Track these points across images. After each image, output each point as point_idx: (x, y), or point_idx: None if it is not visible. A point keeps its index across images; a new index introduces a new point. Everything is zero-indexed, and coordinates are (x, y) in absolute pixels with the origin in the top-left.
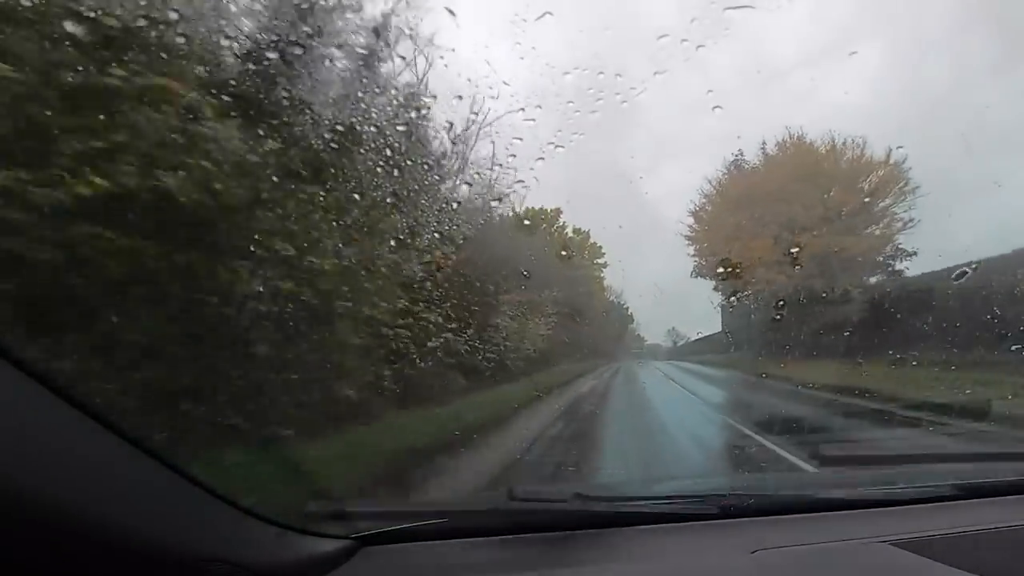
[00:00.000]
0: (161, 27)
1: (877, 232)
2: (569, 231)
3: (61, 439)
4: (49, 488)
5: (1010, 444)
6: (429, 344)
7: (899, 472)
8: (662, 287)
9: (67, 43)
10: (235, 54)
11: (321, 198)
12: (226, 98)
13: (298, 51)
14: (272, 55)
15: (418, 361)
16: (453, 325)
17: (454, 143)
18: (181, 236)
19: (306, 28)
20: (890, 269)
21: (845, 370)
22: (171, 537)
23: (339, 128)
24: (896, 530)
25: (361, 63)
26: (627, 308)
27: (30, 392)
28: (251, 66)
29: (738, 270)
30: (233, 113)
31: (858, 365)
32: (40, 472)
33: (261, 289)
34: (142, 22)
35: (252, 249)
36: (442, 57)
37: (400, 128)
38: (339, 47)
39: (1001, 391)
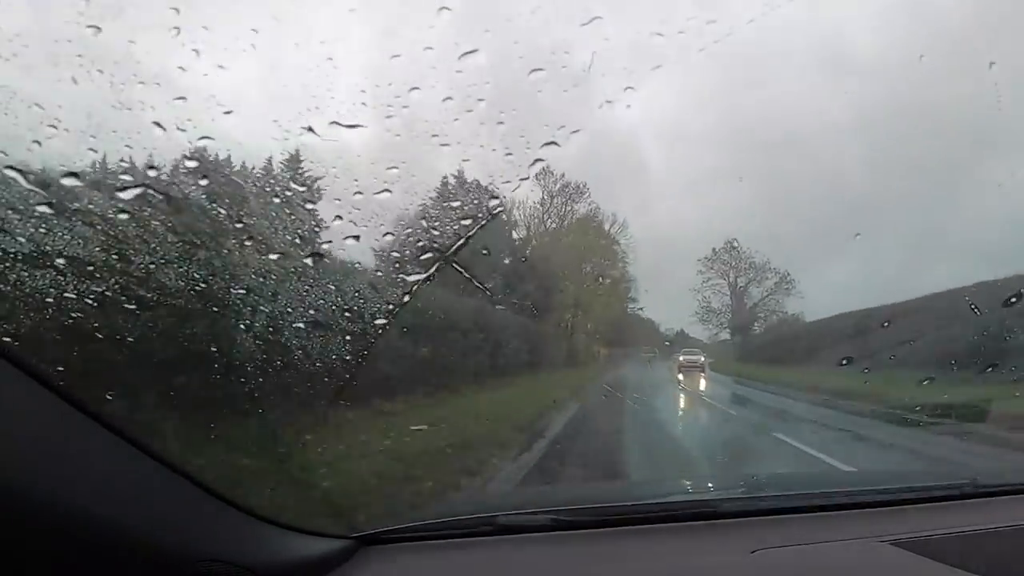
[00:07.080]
0: None
1: None
2: None
3: (61, 439)
4: (49, 488)
5: None
6: None
7: (898, 472)
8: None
9: None
10: None
11: None
12: None
13: None
14: None
15: None
16: None
17: None
18: None
19: None
20: None
21: None
22: (171, 537)
23: None
24: (896, 530)
25: None
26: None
27: (31, 393)
28: None
29: None
30: None
31: None
32: (40, 472)
33: None
34: None
35: None
36: None
37: None
38: None
39: None
